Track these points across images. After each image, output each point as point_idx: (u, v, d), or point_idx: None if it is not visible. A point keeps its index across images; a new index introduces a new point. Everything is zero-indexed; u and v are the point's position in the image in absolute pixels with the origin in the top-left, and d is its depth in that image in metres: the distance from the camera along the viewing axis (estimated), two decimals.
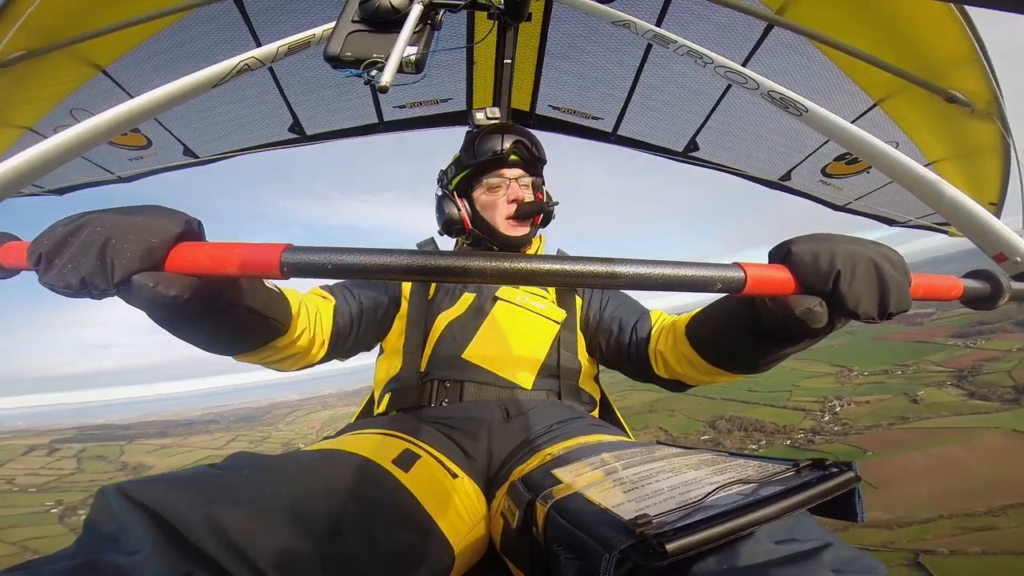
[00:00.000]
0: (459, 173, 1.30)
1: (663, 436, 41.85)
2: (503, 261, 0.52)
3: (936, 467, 38.92)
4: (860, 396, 55.29)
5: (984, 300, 0.61)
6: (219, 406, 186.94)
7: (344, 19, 0.77)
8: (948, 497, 34.88)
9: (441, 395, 1.08)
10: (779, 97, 0.74)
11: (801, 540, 0.47)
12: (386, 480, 0.73)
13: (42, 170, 0.56)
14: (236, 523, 0.49)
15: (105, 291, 0.50)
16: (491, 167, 1.25)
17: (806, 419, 52.35)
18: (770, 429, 52.18)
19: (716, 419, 56.57)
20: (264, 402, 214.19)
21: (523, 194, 1.24)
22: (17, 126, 1.49)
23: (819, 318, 0.58)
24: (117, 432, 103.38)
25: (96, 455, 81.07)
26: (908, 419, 47.85)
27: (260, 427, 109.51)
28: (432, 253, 0.52)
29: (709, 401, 61.11)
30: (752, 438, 51.24)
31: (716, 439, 52.02)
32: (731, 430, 53.94)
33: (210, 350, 0.76)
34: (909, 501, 34.79)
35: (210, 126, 1.84)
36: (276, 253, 0.50)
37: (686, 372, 0.98)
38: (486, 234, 1.27)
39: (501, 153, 1.22)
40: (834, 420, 50.81)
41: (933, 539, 30.75)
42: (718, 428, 54.82)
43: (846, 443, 44.74)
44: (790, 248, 0.58)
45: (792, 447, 46.77)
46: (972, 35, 1.28)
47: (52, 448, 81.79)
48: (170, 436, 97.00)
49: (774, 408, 56.34)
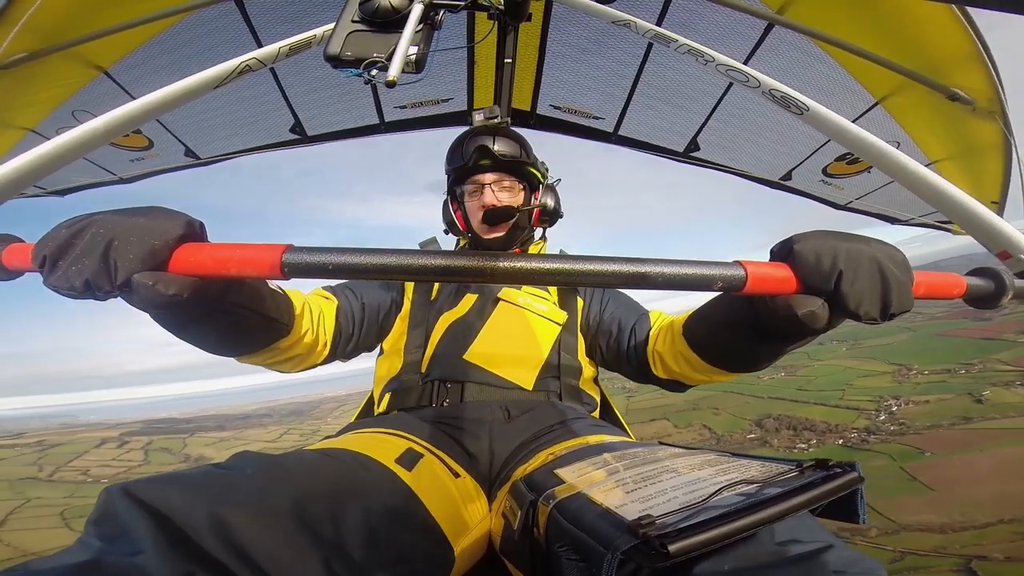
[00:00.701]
0: (448, 178, 1.32)
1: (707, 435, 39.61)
2: (501, 261, 0.51)
3: (1000, 470, 37.30)
4: (919, 396, 52.74)
5: (987, 298, 0.61)
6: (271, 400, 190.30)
7: (344, 19, 0.77)
8: (1011, 501, 33.50)
9: (442, 395, 1.08)
10: (780, 95, 0.73)
11: (804, 541, 0.47)
12: (389, 479, 0.73)
13: (45, 171, 0.56)
14: (239, 523, 0.49)
15: (109, 293, 0.51)
16: (467, 172, 1.26)
17: (860, 418, 50.43)
18: (821, 428, 50.26)
19: (763, 418, 54.99)
20: (313, 397, 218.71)
21: (495, 199, 1.22)
22: (19, 128, 1.49)
23: (820, 318, 0.57)
24: (179, 425, 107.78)
25: (161, 447, 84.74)
26: (971, 420, 45.37)
27: (310, 421, 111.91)
28: (431, 253, 0.52)
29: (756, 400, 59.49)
30: (801, 437, 49.56)
31: (763, 438, 50.56)
32: (779, 429, 52.16)
33: (214, 351, 0.76)
34: (967, 505, 33.56)
35: (211, 127, 1.84)
36: (277, 254, 0.50)
37: (684, 372, 0.98)
38: (472, 237, 1.29)
39: (467, 159, 1.22)
40: (890, 420, 48.60)
41: (989, 544, 29.62)
42: (765, 427, 53.00)
43: (903, 443, 43.12)
44: (792, 246, 0.57)
45: (844, 447, 45.26)
46: (974, 32, 1.28)
47: (122, 441, 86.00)
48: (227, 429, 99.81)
49: (825, 407, 54.34)
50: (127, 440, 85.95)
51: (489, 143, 1.22)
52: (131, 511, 0.47)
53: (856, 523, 0.53)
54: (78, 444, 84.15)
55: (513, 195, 1.26)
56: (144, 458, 78.63)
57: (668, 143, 2.08)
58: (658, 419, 62.00)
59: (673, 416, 62.39)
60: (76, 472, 72.70)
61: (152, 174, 2.00)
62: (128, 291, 0.51)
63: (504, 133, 1.27)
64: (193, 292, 0.54)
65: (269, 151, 2.03)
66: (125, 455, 79.78)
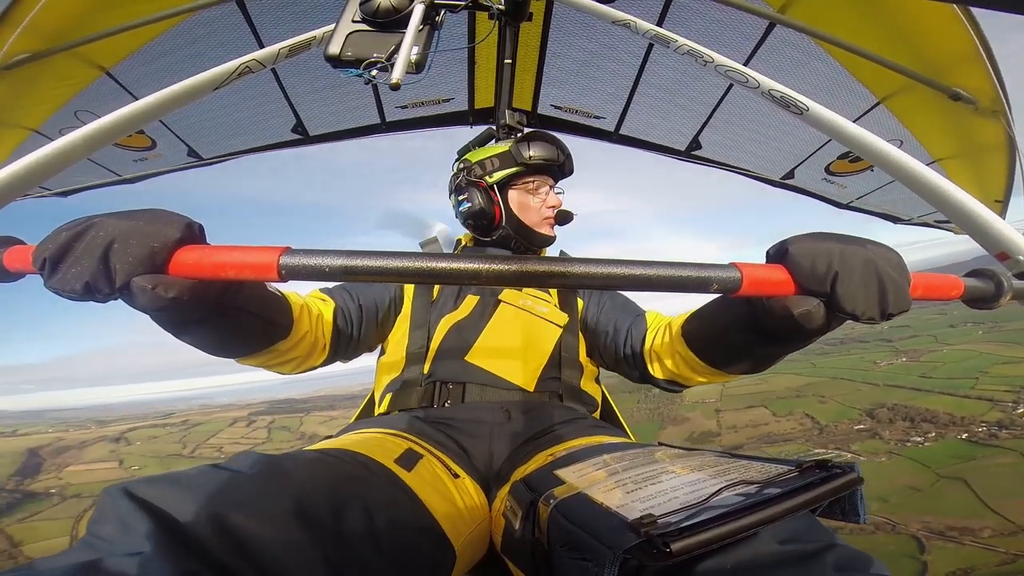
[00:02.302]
0: (502, 169, 1.30)
1: (809, 425, 37.70)
2: (498, 263, 0.52)
3: None
4: None
5: (985, 299, 0.61)
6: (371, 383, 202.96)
7: (344, 19, 0.78)
8: None
9: (443, 396, 1.08)
10: (779, 96, 0.73)
11: (804, 541, 0.47)
12: (389, 479, 0.73)
13: (50, 172, 0.56)
14: (240, 522, 0.49)
15: (108, 295, 0.51)
16: (539, 171, 1.32)
17: (992, 410, 45.45)
18: (943, 420, 45.97)
19: (876, 407, 50.49)
20: None
21: (559, 201, 1.34)
22: (22, 128, 1.50)
23: (817, 320, 0.58)
24: (297, 405, 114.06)
25: (281, 426, 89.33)
26: None
27: None
28: (428, 256, 0.52)
29: (870, 387, 54.76)
30: (918, 430, 45.61)
31: (873, 429, 46.35)
32: (893, 420, 47.96)
33: (213, 352, 0.76)
34: None
35: (214, 127, 1.85)
36: (274, 256, 0.50)
37: (682, 372, 0.98)
38: (517, 231, 1.30)
39: (557, 163, 1.32)
40: None
41: None
42: (877, 417, 48.77)
43: None
44: (788, 248, 0.58)
45: (968, 441, 41.81)
46: (976, 32, 1.28)
47: (250, 420, 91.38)
48: (337, 409, 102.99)
49: (953, 397, 49.55)
50: (254, 419, 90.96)
51: (563, 150, 1.34)
52: (132, 511, 0.47)
53: (856, 523, 0.53)
54: (214, 424, 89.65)
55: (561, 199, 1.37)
56: (267, 436, 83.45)
57: (670, 142, 2.08)
58: (755, 406, 58.22)
59: (773, 403, 57.77)
60: (212, 449, 78.76)
61: (155, 174, 2.01)
62: (128, 293, 0.51)
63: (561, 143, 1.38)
64: (192, 294, 0.54)
65: (271, 151, 2.03)
66: (252, 433, 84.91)
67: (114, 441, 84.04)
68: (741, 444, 51.78)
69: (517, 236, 1.30)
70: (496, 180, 1.30)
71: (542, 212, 1.31)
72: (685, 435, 57.07)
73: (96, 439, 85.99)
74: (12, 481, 67.22)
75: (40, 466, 72.49)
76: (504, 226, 1.30)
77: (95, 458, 76.87)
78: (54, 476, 68.95)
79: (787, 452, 45.44)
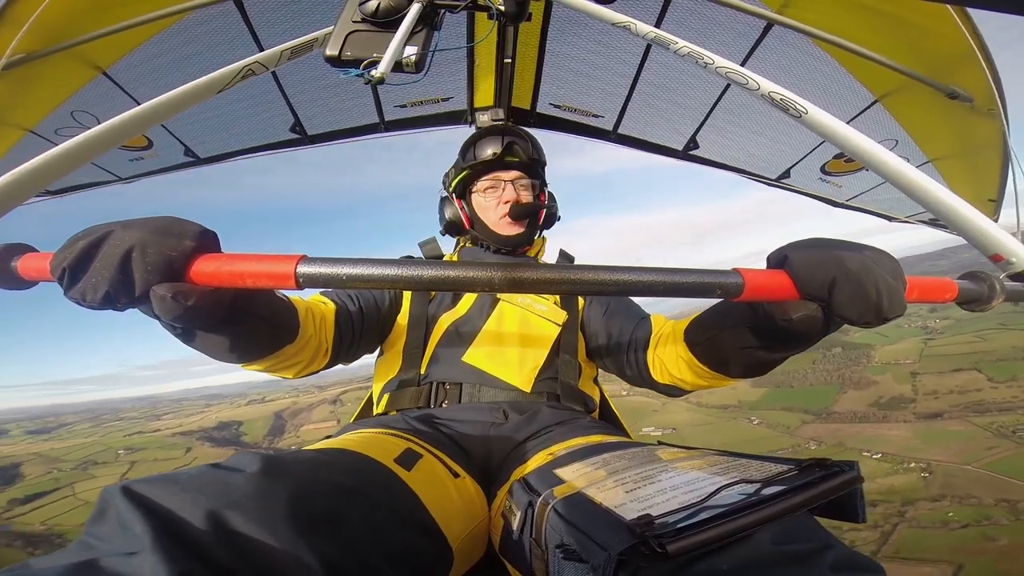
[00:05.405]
0: (458, 175, 1.31)
1: None
2: (511, 271, 0.52)
3: None
4: None
5: (979, 301, 0.63)
6: None
7: (344, 19, 0.77)
8: None
9: (441, 396, 1.08)
10: (779, 98, 0.73)
11: (802, 541, 0.48)
12: (388, 479, 0.73)
13: (53, 176, 0.56)
14: (237, 522, 0.49)
15: (128, 304, 0.51)
16: (487, 169, 1.27)
17: None
18: None
19: None
20: None
21: (519, 195, 1.26)
22: (19, 127, 1.49)
23: (816, 324, 0.59)
24: None
25: None
26: None
27: None
28: (443, 264, 0.53)
29: None
30: None
31: None
32: None
33: (221, 358, 0.76)
34: None
35: (211, 127, 1.83)
36: (291, 264, 0.51)
37: (685, 377, 0.98)
38: (482, 234, 1.29)
39: (497, 156, 1.25)
40: None
41: None
42: None
43: None
44: (787, 255, 0.59)
45: None
46: (972, 31, 1.28)
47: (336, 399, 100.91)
48: None
49: None
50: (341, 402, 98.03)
51: (514, 141, 1.26)
52: (130, 511, 0.47)
53: (855, 522, 0.54)
54: None
55: (531, 193, 1.30)
56: None
57: (667, 141, 2.08)
58: (965, 369, 51.23)
59: (989, 366, 50.07)
60: None
61: (151, 174, 2.00)
62: (147, 303, 0.51)
63: (523, 133, 1.31)
64: (208, 302, 0.54)
65: (269, 151, 2.02)
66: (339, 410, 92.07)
67: (332, 403, 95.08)
68: (942, 411, 44.88)
69: (484, 239, 1.30)
70: (454, 188, 1.32)
71: (498, 211, 1.27)
72: (871, 400, 51.02)
73: (319, 402, 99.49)
74: (266, 440, 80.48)
75: (284, 427, 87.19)
76: (472, 230, 1.31)
77: (319, 419, 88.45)
78: (293, 435, 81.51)
79: (1002, 424, 38.74)
